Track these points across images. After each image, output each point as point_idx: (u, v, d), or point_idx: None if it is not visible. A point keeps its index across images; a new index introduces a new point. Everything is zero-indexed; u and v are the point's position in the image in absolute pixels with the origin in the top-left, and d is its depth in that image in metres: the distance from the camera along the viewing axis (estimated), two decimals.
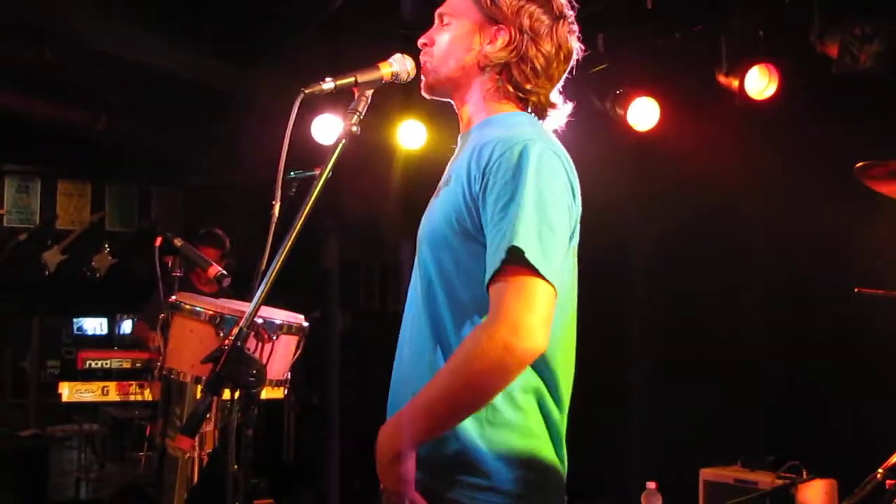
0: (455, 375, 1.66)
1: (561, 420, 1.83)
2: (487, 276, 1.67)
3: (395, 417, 1.73)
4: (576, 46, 1.94)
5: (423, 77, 1.99)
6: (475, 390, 1.66)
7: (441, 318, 1.80)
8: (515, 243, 1.64)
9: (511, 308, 1.62)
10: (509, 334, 1.61)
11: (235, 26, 5.32)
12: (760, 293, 4.89)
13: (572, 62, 1.95)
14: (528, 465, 1.76)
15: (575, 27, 1.94)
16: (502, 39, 1.87)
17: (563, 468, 1.84)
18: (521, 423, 1.76)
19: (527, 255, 1.63)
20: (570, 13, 1.93)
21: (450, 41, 1.92)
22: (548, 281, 1.64)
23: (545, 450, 1.79)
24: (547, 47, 1.88)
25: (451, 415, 1.69)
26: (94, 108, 6.74)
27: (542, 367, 1.76)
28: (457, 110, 2.00)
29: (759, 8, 4.61)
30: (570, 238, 1.81)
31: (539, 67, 1.88)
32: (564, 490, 1.85)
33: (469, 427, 1.73)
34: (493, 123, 1.88)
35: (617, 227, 5.29)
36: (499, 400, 1.72)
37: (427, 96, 2.02)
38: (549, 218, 1.69)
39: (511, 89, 1.89)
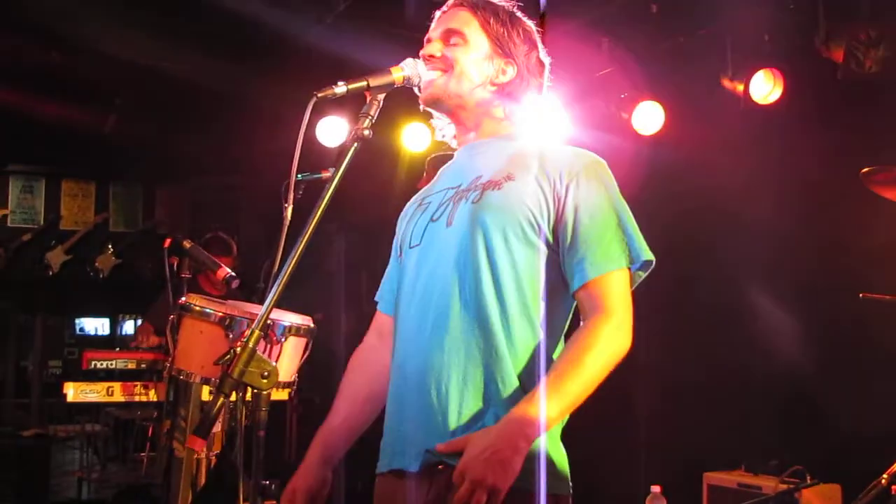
0: (592, 366, 1.77)
1: None
2: (600, 271, 1.83)
3: (515, 413, 1.72)
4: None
5: (429, 88, 2.01)
6: (599, 380, 1.79)
7: (491, 313, 1.82)
8: (636, 249, 1.88)
9: (624, 305, 1.83)
10: (624, 329, 1.82)
11: (241, 28, 5.32)
12: (765, 297, 4.88)
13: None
14: (560, 448, 1.86)
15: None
16: (511, 73, 2.02)
17: None
18: None
19: (643, 259, 1.89)
20: (549, 61, 2.11)
21: (469, 65, 2.01)
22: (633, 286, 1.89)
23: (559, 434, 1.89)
24: (536, 82, 2.07)
25: (578, 402, 1.79)
26: (100, 109, 6.74)
27: None
28: (458, 122, 2.09)
29: (764, 13, 4.61)
30: None
31: (530, 101, 2.06)
32: None
33: None
34: (529, 136, 2.04)
35: None
36: None
37: (425, 106, 2.07)
38: None
39: (517, 116, 2.06)
